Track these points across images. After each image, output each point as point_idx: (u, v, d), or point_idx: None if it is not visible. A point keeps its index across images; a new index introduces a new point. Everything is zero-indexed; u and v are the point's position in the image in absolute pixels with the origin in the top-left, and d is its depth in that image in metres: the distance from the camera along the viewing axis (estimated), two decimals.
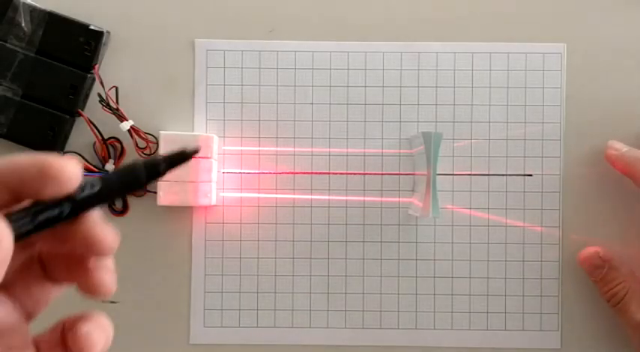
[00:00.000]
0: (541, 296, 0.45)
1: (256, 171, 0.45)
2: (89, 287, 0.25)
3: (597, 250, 0.43)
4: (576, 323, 0.45)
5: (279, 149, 0.45)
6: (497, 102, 0.45)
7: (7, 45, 0.44)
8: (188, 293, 0.45)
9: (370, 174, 0.46)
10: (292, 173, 0.45)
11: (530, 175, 0.45)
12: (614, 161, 0.44)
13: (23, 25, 0.44)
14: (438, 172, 0.43)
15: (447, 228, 0.45)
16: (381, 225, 0.45)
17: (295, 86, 0.45)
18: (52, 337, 0.25)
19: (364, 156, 0.46)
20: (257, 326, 0.45)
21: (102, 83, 0.43)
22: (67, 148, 0.45)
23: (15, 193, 0.22)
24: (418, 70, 0.45)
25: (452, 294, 0.45)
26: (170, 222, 0.45)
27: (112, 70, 0.45)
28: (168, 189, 0.43)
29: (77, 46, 0.44)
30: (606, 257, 0.43)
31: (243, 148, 0.45)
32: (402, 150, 0.46)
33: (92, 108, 0.45)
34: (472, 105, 0.45)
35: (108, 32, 0.45)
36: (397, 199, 0.45)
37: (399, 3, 0.46)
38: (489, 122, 0.45)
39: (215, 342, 0.45)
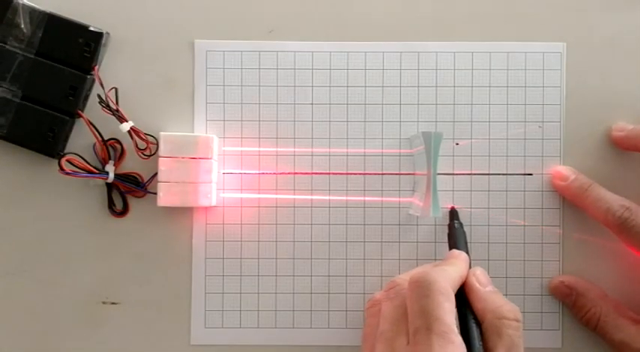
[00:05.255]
0: (542, 295, 0.45)
1: (256, 172, 0.45)
2: None
3: (561, 280, 0.44)
4: (577, 323, 0.45)
5: (279, 149, 0.45)
6: (497, 101, 0.45)
7: (7, 46, 0.44)
8: (189, 294, 0.45)
9: (370, 174, 0.46)
10: (292, 173, 0.45)
11: (531, 174, 0.45)
12: (621, 141, 0.44)
13: (23, 26, 0.44)
14: (438, 172, 0.43)
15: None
16: (382, 225, 0.45)
17: (295, 86, 0.45)
18: None
19: (364, 156, 0.46)
20: (258, 327, 0.45)
21: (102, 84, 0.43)
22: (67, 150, 0.45)
23: None
24: (418, 69, 0.45)
25: None
26: (170, 223, 0.45)
27: (112, 71, 0.45)
28: (168, 190, 0.43)
29: (77, 48, 0.44)
30: (571, 285, 0.43)
31: (243, 149, 0.45)
32: (402, 150, 0.46)
33: (92, 110, 0.45)
34: (472, 104, 0.45)
35: (107, 33, 0.45)
36: (397, 199, 0.45)
37: (399, 3, 0.46)
38: (489, 121, 0.45)
39: (216, 343, 0.45)
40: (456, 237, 0.43)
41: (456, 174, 0.45)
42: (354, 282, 0.45)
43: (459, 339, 0.33)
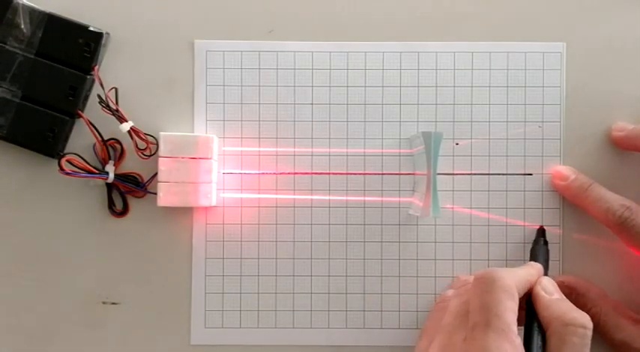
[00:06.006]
0: None
1: (256, 172, 0.45)
2: None
3: (561, 280, 0.43)
4: None
5: (279, 149, 0.45)
6: (497, 101, 0.45)
7: (7, 47, 0.44)
8: (189, 294, 0.45)
9: (370, 174, 0.46)
10: (292, 173, 0.45)
11: (531, 174, 0.45)
12: (621, 141, 0.44)
13: (22, 26, 0.44)
14: (438, 172, 0.43)
15: (448, 227, 0.45)
16: (382, 225, 0.45)
17: (295, 86, 0.45)
18: None
19: (364, 156, 0.46)
20: (258, 327, 0.45)
21: (101, 84, 0.43)
22: (67, 150, 0.45)
23: None
24: (418, 69, 0.45)
25: None
26: (170, 223, 0.45)
27: (112, 71, 0.45)
28: (168, 190, 0.43)
29: (77, 48, 0.44)
30: (571, 285, 0.43)
31: (243, 149, 0.45)
32: (402, 150, 0.46)
33: (92, 110, 0.45)
34: (472, 104, 0.45)
35: (107, 33, 0.45)
36: (397, 199, 0.45)
37: (399, 3, 0.46)
38: (489, 121, 0.45)
39: (216, 343, 0.45)
40: (537, 253, 0.43)
41: (456, 174, 0.45)
42: (354, 282, 0.45)
43: (517, 340, 0.32)
